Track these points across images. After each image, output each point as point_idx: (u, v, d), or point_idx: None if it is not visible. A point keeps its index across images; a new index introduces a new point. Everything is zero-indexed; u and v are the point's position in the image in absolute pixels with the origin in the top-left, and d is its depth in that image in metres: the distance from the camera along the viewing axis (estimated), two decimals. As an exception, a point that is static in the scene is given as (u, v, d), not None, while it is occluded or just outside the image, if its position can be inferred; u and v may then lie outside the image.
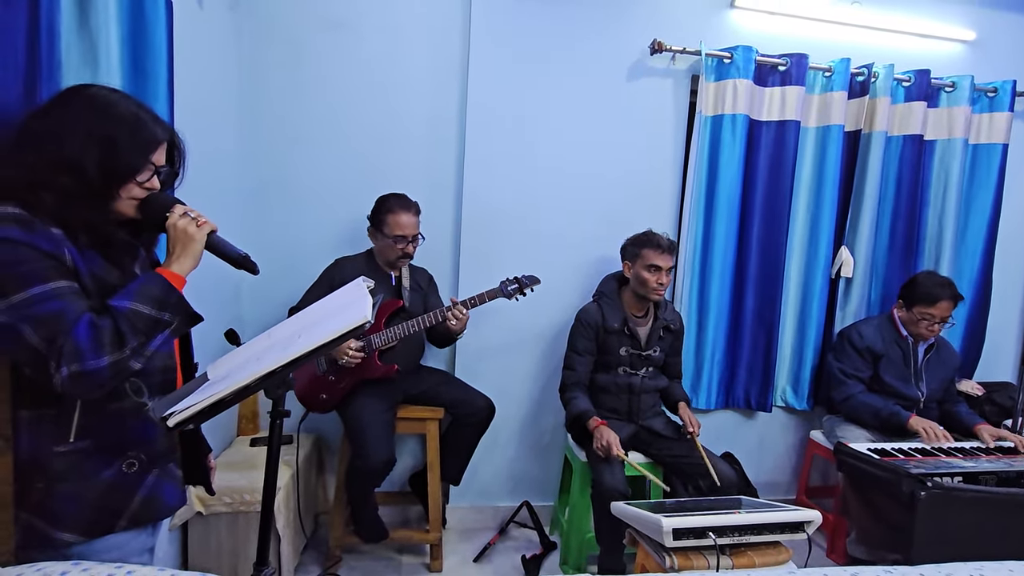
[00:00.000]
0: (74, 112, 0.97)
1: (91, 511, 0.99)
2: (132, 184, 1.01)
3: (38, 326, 0.88)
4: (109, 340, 0.91)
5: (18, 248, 0.88)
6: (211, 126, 2.03)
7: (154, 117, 1.04)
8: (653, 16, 2.44)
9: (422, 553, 2.32)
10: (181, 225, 1.03)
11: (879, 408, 2.29)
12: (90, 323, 0.90)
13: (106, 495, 1.01)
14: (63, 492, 0.97)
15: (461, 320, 2.08)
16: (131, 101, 1.03)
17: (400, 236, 2.11)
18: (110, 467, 1.01)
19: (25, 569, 0.82)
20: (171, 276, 1.01)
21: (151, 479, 1.07)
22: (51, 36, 1.14)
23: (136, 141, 0.99)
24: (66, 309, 0.89)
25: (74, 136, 0.94)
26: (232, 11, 2.17)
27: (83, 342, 0.89)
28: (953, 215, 2.66)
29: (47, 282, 0.89)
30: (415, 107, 2.38)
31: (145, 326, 0.96)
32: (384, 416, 2.07)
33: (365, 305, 1.01)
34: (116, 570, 0.83)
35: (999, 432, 2.25)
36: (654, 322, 2.24)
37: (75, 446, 0.98)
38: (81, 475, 0.98)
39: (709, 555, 1.37)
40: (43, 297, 0.88)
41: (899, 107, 2.59)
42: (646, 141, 2.51)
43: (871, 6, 2.56)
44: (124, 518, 1.03)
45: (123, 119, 0.98)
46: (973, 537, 1.74)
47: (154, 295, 0.98)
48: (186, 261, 1.04)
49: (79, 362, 0.88)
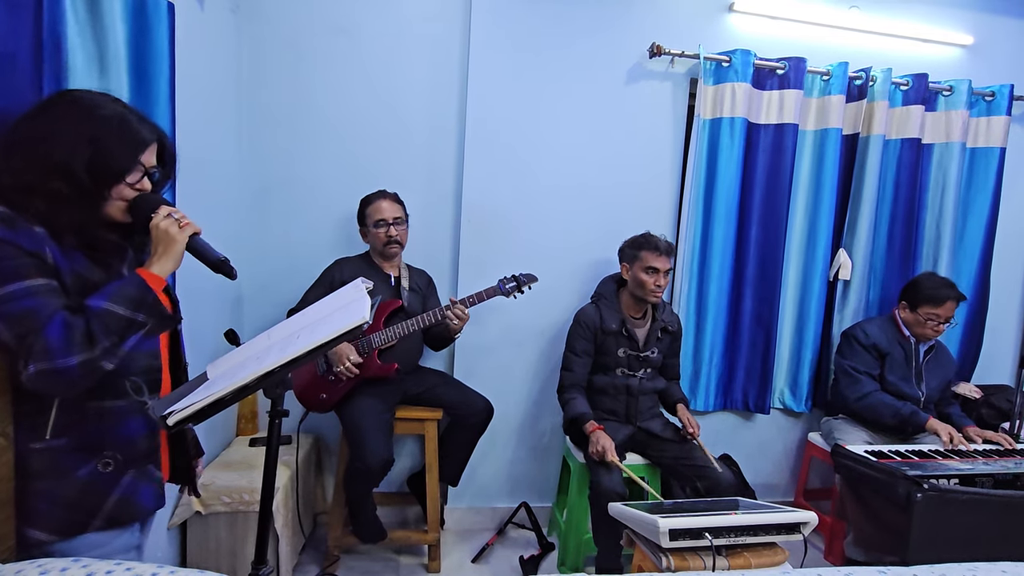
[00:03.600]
0: (60, 115, 0.97)
1: (64, 510, 0.99)
2: (122, 185, 1.01)
3: (11, 323, 0.89)
4: (80, 339, 0.91)
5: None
6: (212, 128, 2.04)
7: (141, 118, 1.05)
8: (652, 20, 2.45)
9: (420, 554, 2.33)
10: (163, 226, 1.03)
11: (899, 407, 2.29)
12: (63, 322, 0.91)
13: (80, 494, 1.00)
14: (37, 490, 0.97)
15: (461, 319, 2.09)
16: (117, 103, 1.03)
17: (381, 220, 2.14)
18: (85, 466, 1.01)
19: (25, 565, 0.83)
20: (149, 277, 1.01)
21: (127, 480, 1.06)
22: (56, 41, 1.15)
23: (123, 141, 1.00)
24: (40, 307, 0.90)
25: (61, 139, 0.95)
26: (233, 14, 2.18)
27: (53, 340, 0.89)
28: (951, 219, 2.66)
29: (24, 279, 0.90)
30: (415, 111, 2.40)
31: (118, 326, 0.95)
32: (383, 417, 2.07)
33: (363, 305, 1.02)
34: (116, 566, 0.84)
35: (985, 433, 2.28)
36: (652, 323, 2.25)
37: (51, 444, 0.97)
38: (55, 473, 0.98)
39: (705, 556, 1.38)
40: (19, 294, 0.89)
41: (897, 111, 2.60)
42: (645, 144, 2.52)
43: (869, 10, 2.57)
44: (98, 518, 1.02)
45: (108, 120, 0.99)
46: (969, 539, 1.75)
47: (130, 295, 0.97)
48: (167, 262, 1.04)
49: (48, 360, 0.89)
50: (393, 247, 2.19)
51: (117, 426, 1.04)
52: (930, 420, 2.26)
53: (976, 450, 2.15)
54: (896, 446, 2.16)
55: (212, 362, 1.15)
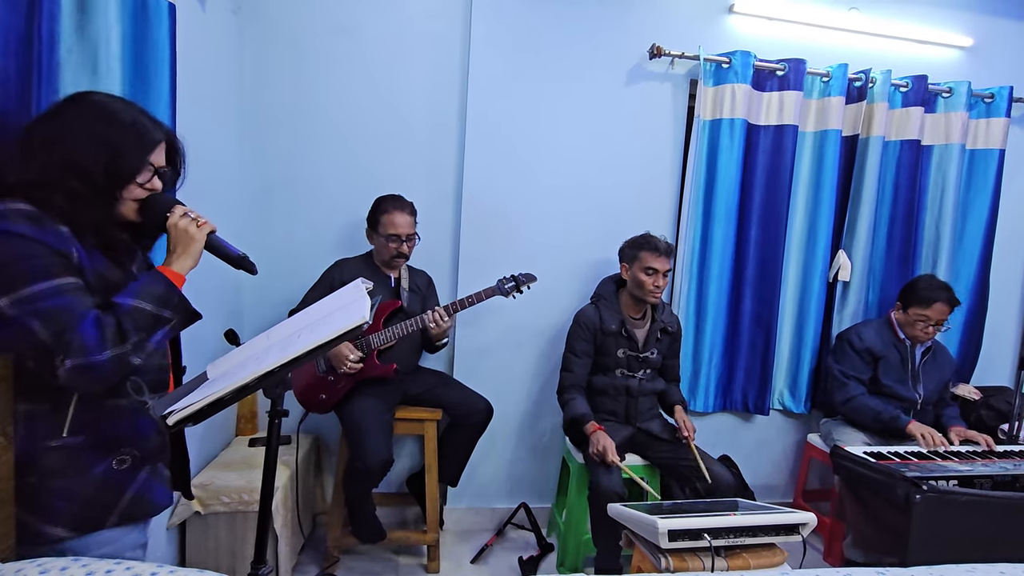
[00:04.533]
0: (80, 117, 1.00)
1: (81, 506, 1.00)
2: (133, 185, 1.03)
3: (47, 320, 0.90)
4: (112, 335, 0.94)
5: (28, 243, 0.90)
6: (213, 128, 2.04)
7: (153, 120, 1.07)
8: (652, 21, 2.45)
9: (419, 554, 2.33)
10: (182, 225, 1.06)
11: (880, 411, 2.30)
12: (96, 319, 0.93)
13: (97, 491, 1.02)
14: (54, 487, 0.98)
15: (441, 326, 2.08)
16: (133, 108, 1.06)
17: (394, 235, 2.13)
18: (102, 463, 1.02)
19: (25, 564, 0.83)
20: (172, 275, 1.04)
21: (142, 476, 1.08)
22: (51, 39, 1.15)
23: (137, 144, 1.02)
24: (73, 304, 0.92)
25: (81, 140, 0.98)
26: (235, 14, 2.19)
27: (89, 337, 0.91)
28: (950, 220, 2.67)
29: (54, 278, 0.92)
30: (416, 111, 2.40)
31: (147, 323, 0.98)
32: (382, 417, 2.08)
33: (363, 306, 1.02)
34: (115, 565, 0.84)
35: (967, 434, 2.28)
36: (652, 324, 2.25)
37: (68, 441, 0.99)
38: (73, 470, 0.99)
39: (704, 557, 1.38)
40: (51, 292, 0.91)
41: (896, 112, 2.60)
42: (645, 145, 2.53)
43: (869, 12, 2.58)
44: (115, 514, 1.04)
45: (125, 124, 1.02)
46: (969, 541, 1.75)
47: (157, 293, 1.01)
48: (186, 260, 1.07)
49: (84, 356, 0.91)
50: (399, 260, 2.19)
51: (132, 423, 1.06)
52: (910, 424, 2.25)
53: (975, 452, 2.15)
54: (895, 447, 2.17)
55: (212, 362, 1.15)
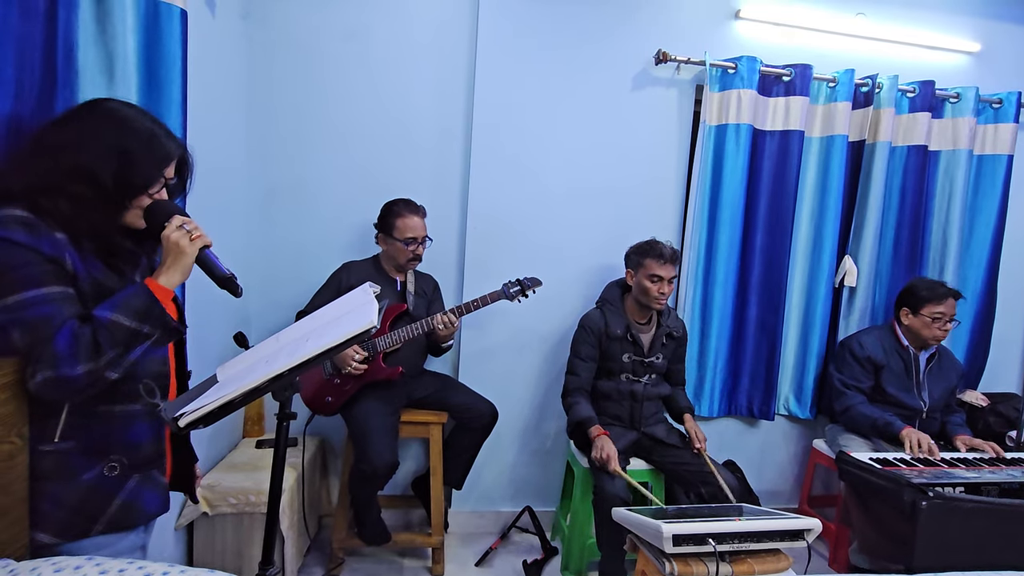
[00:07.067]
0: (92, 124, 1.00)
1: (68, 512, 1.00)
2: (144, 196, 1.03)
3: (24, 330, 0.90)
4: (86, 350, 0.92)
5: (20, 250, 0.90)
6: (222, 132, 2.06)
7: (168, 133, 1.07)
8: (658, 26, 2.46)
9: (424, 557, 2.34)
10: (174, 238, 1.03)
11: (876, 418, 2.29)
12: (71, 331, 0.92)
13: (86, 497, 1.01)
14: (43, 492, 0.98)
15: (448, 328, 2.10)
16: (147, 116, 1.06)
17: (411, 238, 2.15)
18: (91, 469, 1.01)
19: (40, 563, 0.85)
20: (157, 288, 1.01)
21: (132, 484, 1.06)
22: (68, 47, 1.17)
23: (151, 155, 1.03)
24: (52, 314, 0.91)
25: (92, 147, 0.98)
26: (244, 20, 2.21)
27: (61, 350, 0.90)
28: (957, 226, 2.66)
29: (41, 286, 0.91)
30: (422, 116, 2.42)
31: (124, 338, 0.96)
32: (388, 420, 2.09)
33: (371, 310, 1.03)
34: (128, 565, 0.85)
35: (973, 442, 2.26)
36: (657, 329, 2.25)
37: (59, 446, 0.98)
38: (62, 475, 0.99)
39: (709, 562, 1.38)
40: (35, 301, 0.90)
41: (903, 118, 2.59)
42: (650, 150, 2.53)
43: (875, 17, 2.58)
44: (100, 523, 1.02)
45: (139, 133, 1.02)
46: (975, 548, 1.74)
47: (136, 307, 0.98)
48: (174, 274, 1.04)
49: (55, 369, 0.90)
50: (414, 263, 2.21)
51: (124, 430, 1.05)
52: (904, 430, 2.22)
53: (982, 458, 2.14)
54: (901, 454, 2.16)
55: (221, 364, 1.17)
